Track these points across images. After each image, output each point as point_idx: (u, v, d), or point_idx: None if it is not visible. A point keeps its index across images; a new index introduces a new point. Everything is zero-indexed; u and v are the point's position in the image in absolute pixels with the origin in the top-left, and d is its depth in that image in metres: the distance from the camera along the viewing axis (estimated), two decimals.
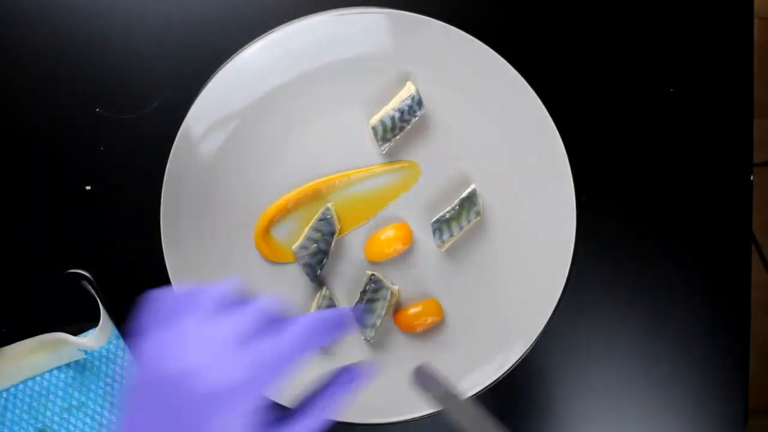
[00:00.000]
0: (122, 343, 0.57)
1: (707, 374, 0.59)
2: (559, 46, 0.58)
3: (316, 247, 0.55)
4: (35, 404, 0.57)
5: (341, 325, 0.40)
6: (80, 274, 0.57)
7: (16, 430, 0.56)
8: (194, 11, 0.57)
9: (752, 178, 0.58)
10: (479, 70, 0.56)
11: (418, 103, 0.55)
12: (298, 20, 0.56)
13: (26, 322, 0.57)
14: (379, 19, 0.56)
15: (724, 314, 0.59)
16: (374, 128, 0.55)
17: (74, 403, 0.57)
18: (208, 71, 0.56)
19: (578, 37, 0.58)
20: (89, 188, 0.57)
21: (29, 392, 0.57)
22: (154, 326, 0.39)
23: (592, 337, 0.59)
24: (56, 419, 0.57)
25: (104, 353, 0.57)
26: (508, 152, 0.57)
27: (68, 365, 0.57)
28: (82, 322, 0.57)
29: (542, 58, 0.58)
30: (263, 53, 0.56)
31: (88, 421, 0.57)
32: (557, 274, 0.57)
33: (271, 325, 0.38)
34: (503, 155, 0.57)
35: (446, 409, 0.44)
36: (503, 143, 0.57)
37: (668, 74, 0.58)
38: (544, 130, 0.56)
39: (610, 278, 0.59)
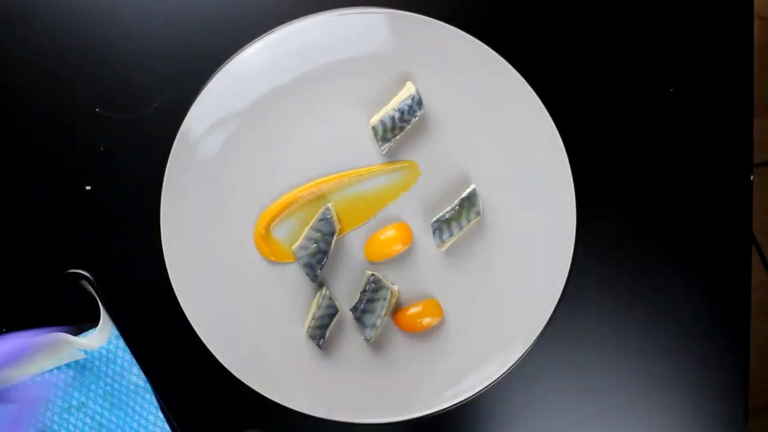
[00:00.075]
0: (122, 343, 0.57)
1: (707, 374, 0.59)
2: (559, 46, 0.58)
3: (316, 247, 0.55)
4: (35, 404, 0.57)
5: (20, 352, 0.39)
6: (80, 274, 0.57)
7: None
8: (194, 11, 0.57)
9: (752, 178, 0.58)
10: (479, 70, 0.56)
11: (418, 103, 0.55)
12: (298, 20, 0.56)
13: (26, 322, 0.57)
14: (379, 19, 0.56)
15: (724, 314, 0.59)
16: (374, 128, 0.55)
17: (74, 403, 0.57)
18: (208, 71, 0.56)
19: (578, 37, 0.58)
20: (89, 188, 0.57)
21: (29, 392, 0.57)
22: None
23: (592, 337, 0.59)
24: (56, 419, 0.57)
25: (104, 353, 0.57)
26: (508, 152, 0.57)
27: (68, 365, 0.57)
28: (82, 322, 0.57)
29: (542, 58, 0.58)
30: (263, 53, 0.56)
31: (88, 421, 0.57)
32: (557, 274, 0.57)
33: None
34: (503, 155, 0.57)
35: None
36: (503, 143, 0.57)
37: (668, 74, 0.58)
38: (544, 130, 0.56)
39: (610, 278, 0.59)
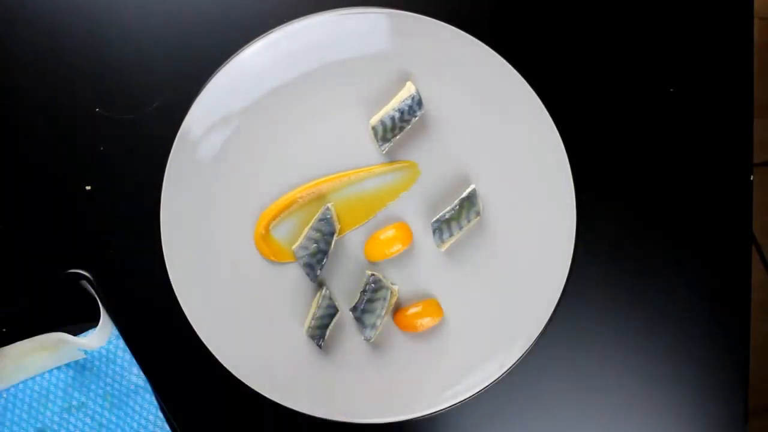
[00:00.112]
0: (122, 343, 0.57)
1: (707, 374, 0.59)
2: (559, 46, 0.58)
3: (316, 247, 0.55)
4: (35, 404, 0.57)
5: None
6: (80, 274, 0.57)
7: (15, 430, 0.56)
8: (194, 11, 0.57)
9: (752, 178, 0.58)
10: (479, 70, 0.56)
11: (418, 103, 0.55)
12: (298, 20, 0.56)
13: (26, 322, 0.57)
14: (379, 19, 0.56)
15: (724, 314, 0.59)
16: (374, 128, 0.55)
17: (74, 403, 0.57)
18: (208, 71, 0.56)
19: (578, 37, 0.58)
20: (89, 188, 0.57)
21: (29, 392, 0.57)
22: None
23: (592, 337, 0.59)
24: (56, 419, 0.57)
25: (104, 353, 0.57)
26: (508, 152, 0.57)
27: (68, 365, 0.57)
28: (82, 322, 0.57)
29: (542, 58, 0.58)
30: (263, 53, 0.56)
31: (88, 421, 0.57)
32: (557, 274, 0.57)
33: None
34: (503, 155, 0.57)
35: None
36: (503, 143, 0.57)
37: (668, 74, 0.58)
38: (544, 130, 0.56)
39: (610, 278, 0.59)
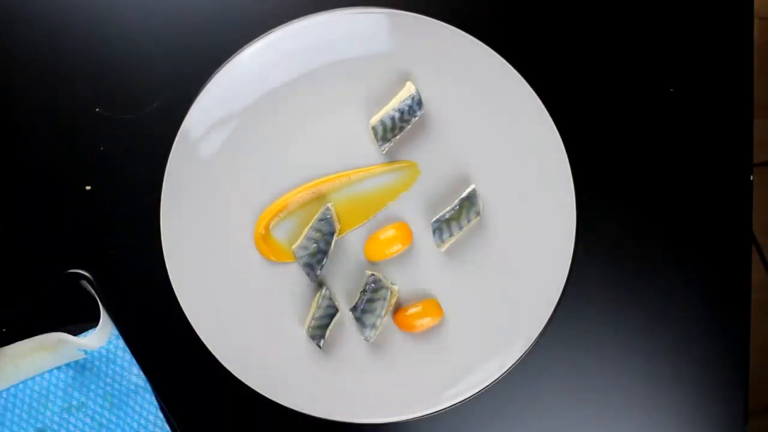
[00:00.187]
0: (122, 343, 0.57)
1: (707, 374, 0.59)
2: (559, 46, 0.58)
3: (316, 247, 0.55)
4: (35, 404, 0.57)
5: None
6: (80, 274, 0.57)
7: (15, 430, 0.56)
8: (194, 11, 0.57)
9: (752, 178, 0.58)
10: (479, 70, 0.56)
11: (418, 103, 0.55)
12: (297, 20, 0.56)
13: (26, 322, 0.57)
14: (379, 19, 0.56)
15: (724, 314, 0.59)
16: (374, 128, 0.55)
17: (74, 403, 0.57)
18: (208, 71, 0.56)
19: (578, 37, 0.58)
20: (89, 188, 0.57)
21: (29, 392, 0.57)
22: None
23: (592, 337, 0.59)
24: (56, 419, 0.57)
25: (104, 353, 0.57)
26: (507, 152, 0.57)
27: (68, 365, 0.57)
28: (82, 322, 0.57)
29: (542, 58, 0.58)
30: (263, 53, 0.56)
31: (88, 421, 0.57)
32: (557, 274, 0.57)
33: None
34: (503, 155, 0.57)
35: None
36: (503, 143, 0.57)
37: (668, 74, 0.58)
38: (544, 130, 0.56)
39: (610, 278, 0.59)
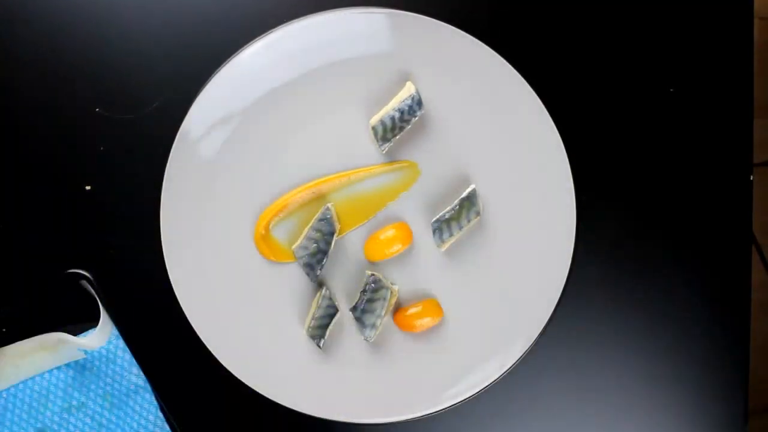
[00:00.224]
0: (122, 343, 0.57)
1: (707, 374, 0.59)
2: (559, 46, 0.58)
3: (316, 247, 0.55)
4: (35, 404, 0.57)
5: None
6: (80, 274, 0.57)
7: (15, 430, 0.56)
8: (194, 11, 0.57)
9: (752, 178, 0.58)
10: (479, 70, 0.56)
11: (418, 103, 0.55)
12: (297, 20, 0.56)
13: (26, 322, 0.57)
14: (379, 19, 0.56)
15: (724, 314, 0.59)
16: (374, 128, 0.55)
17: (74, 403, 0.57)
18: (208, 71, 0.56)
19: (578, 37, 0.58)
20: (89, 188, 0.57)
21: (29, 392, 0.57)
22: None
23: (592, 337, 0.59)
24: (56, 419, 0.57)
25: (104, 353, 0.57)
26: (508, 152, 0.57)
27: (68, 365, 0.57)
28: (82, 322, 0.57)
29: (542, 58, 0.58)
30: (263, 53, 0.56)
31: (88, 421, 0.57)
32: (557, 274, 0.57)
33: None
34: (503, 155, 0.57)
35: None
36: (503, 143, 0.57)
37: (668, 74, 0.58)
38: (544, 130, 0.56)
39: (610, 278, 0.59)
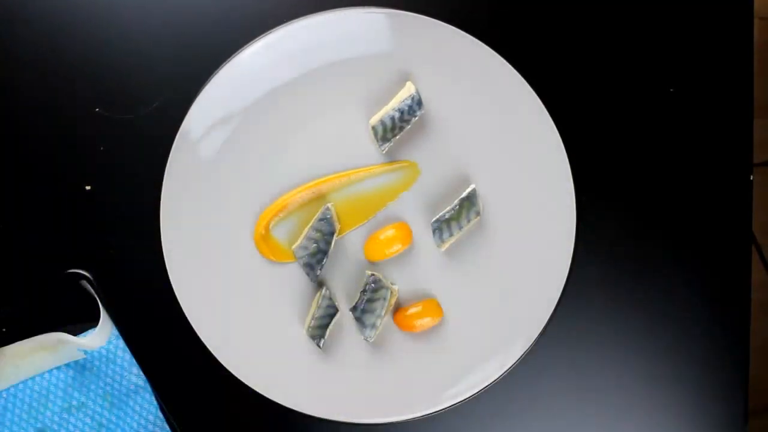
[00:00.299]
0: (122, 343, 0.57)
1: (707, 374, 0.59)
2: (559, 46, 0.58)
3: (316, 247, 0.55)
4: (35, 404, 0.57)
5: None
6: (80, 274, 0.57)
7: (15, 430, 0.56)
8: (194, 11, 0.57)
9: (752, 178, 0.58)
10: (479, 70, 0.56)
11: (418, 103, 0.55)
12: (297, 20, 0.56)
13: (26, 322, 0.57)
14: (379, 19, 0.56)
15: (724, 314, 0.59)
16: (374, 128, 0.55)
17: (74, 403, 0.57)
18: (208, 71, 0.56)
19: (578, 37, 0.58)
20: (89, 188, 0.57)
21: (29, 392, 0.57)
22: None
23: (592, 337, 0.59)
24: (56, 419, 0.57)
25: (104, 353, 0.57)
26: (508, 152, 0.57)
27: (68, 365, 0.57)
28: (82, 322, 0.57)
29: (542, 58, 0.58)
30: (263, 53, 0.56)
31: (88, 421, 0.57)
32: (557, 274, 0.57)
33: None
34: (503, 155, 0.57)
35: None
36: (503, 143, 0.57)
37: (668, 74, 0.58)
38: (544, 130, 0.56)
39: (610, 278, 0.59)
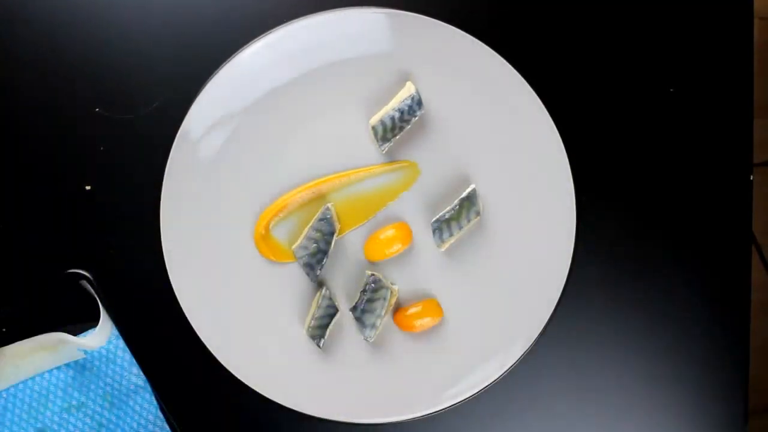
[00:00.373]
0: (122, 343, 0.57)
1: (707, 374, 0.59)
2: (559, 46, 0.58)
3: (316, 247, 0.55)
4: (35, 404, 0.57)
5: None
6: (80, 274, 0.57)
7: (15, 430, 0.56)
8: (194, 11, 0.57)
9: (752, 178, 0.58)
10: (479, 70, 0.56)
11: (417, 103, 0.55)
12: (297, 20, 0.56)
13: (26, 322, 0.57)
14: (379, 19, 0.56)
15: (724, 314, 0.59)
16: (374, 128, 0.55)
17: (74, 403, 0.57)
18: (208, 71, 0.56)
19: (578, 37, 0.58)
20: (89, 188, 0.57)
21: (29, 392, 0.57)
22: None
23: (592, 337, 0.59)
24: (56, 419, 0.57)
25: (104, 353, 0.57)
26: (508, 152, 0.57)
27: (68, 365, 0.57)
28: (82, 322, 0.57)
29: (542, 58, 0.58)
30: (263, 53, 0.56)
31: (87, 421, 0.57)
32: (557, 273, 0.57)
33: None
34: (503, 155, 0.57)
35: None
36: (503, 143, 0.57)
37: (668, 74, 0.58)
38: (544, 130, 0.56)
39: (610, 278, 0.59)
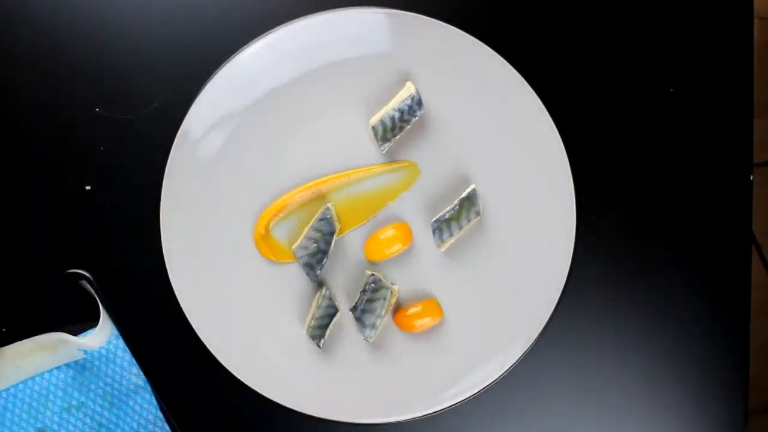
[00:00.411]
0: (122, 343, 0.57)
1: (707, 374, 0.59)
2: (559, 46, 0.58)
3: (315, 247, 0.55)
4: (35, 404, 0.57)
5: None
6: (80, 274, 0.57)
7: (15, 430, 0.56)
8: (194, 11, 0.57)
9: (752, 178, 0.58)
10: (479, 70, 0.56)
11: (417, 103, 0.55)
12: (297, 20, 0.56)
13: (26, 322, 0.57)
14: (379, 19, 0.56)
15: (724, 314, 0.59)
16: (374, 128, 0.55)
17: (74, 403, 0.57)
18: (208, 71, 0.56)
19: (578, 37, 0.58)
20: (89, 188, 0.57)
21: (29, 392, 0.57)
22: None
23: (592, 337, 0.59)
24: (56, 419, 0.57)
25: (104, 353, 0.57)
26: (508, 152, 0.57)
27: (68, 365, 0.57)
28: (82, 322, 0.57)
29: (542, 58, 0.58)
30: (263, 53, 0.56)
31: (87, 421, 0.57)
32: (557, 273, 0.57)
33: None
34: (503, 155, 0.57)
35: None
36: (503, 143, 0.57)
37: (668, 74, 0.58)
38: (543, 130, 0.56)
39: (610, 278, 0.59)
